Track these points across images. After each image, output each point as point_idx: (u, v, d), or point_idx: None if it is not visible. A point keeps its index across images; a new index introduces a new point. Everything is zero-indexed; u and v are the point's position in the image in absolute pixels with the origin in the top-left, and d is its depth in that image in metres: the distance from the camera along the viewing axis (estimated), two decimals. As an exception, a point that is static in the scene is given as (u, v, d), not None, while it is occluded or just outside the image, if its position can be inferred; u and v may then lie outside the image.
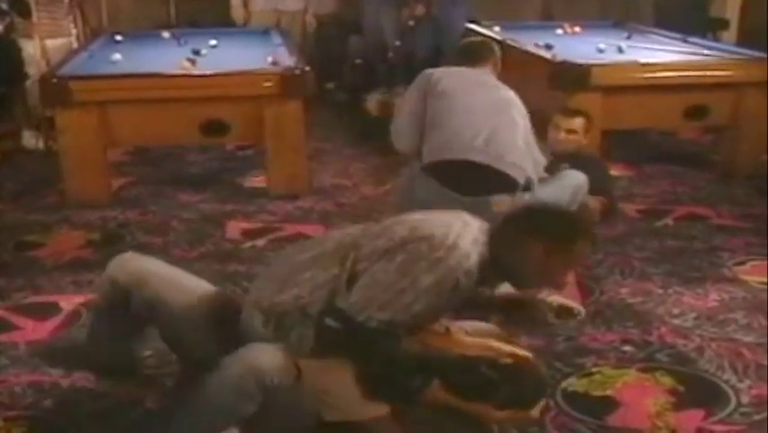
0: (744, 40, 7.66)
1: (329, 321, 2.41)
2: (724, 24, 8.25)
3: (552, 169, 4.11)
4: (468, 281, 2.46)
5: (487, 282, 2.66)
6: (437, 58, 6.94)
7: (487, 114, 3.86)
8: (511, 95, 3.99)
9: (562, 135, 4.46)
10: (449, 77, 4.06)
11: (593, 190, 4.21)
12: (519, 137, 3.84)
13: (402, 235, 2.47)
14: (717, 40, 7.52)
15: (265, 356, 2.34)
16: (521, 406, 2.55)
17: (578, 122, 4.50)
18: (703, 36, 6.91)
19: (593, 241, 2.76)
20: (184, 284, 2.75)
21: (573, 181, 4.11)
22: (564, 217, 2.71)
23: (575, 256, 2.63)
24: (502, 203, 3.62)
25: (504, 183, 3.71)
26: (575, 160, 4.31)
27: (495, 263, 2.53)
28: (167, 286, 2.69)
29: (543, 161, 4.00)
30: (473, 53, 4.23)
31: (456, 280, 2.43)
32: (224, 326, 2.64)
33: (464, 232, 2.49)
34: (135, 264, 2.77)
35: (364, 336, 2.39)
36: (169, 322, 2.69)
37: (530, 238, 2.50)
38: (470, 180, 3.74)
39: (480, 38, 4.40)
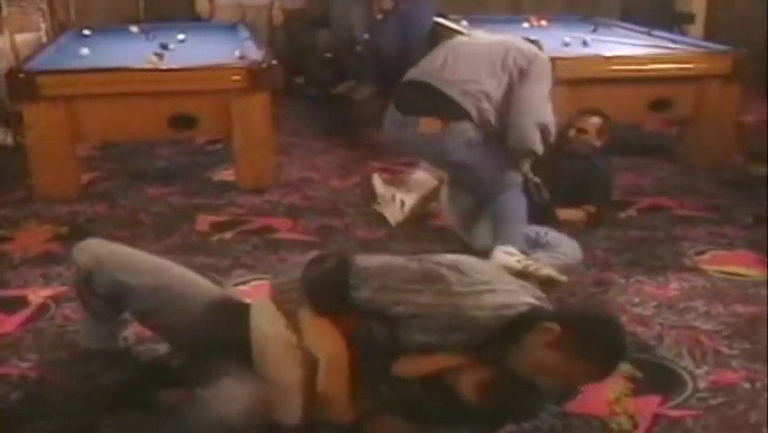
0: (710, 34, 7.75)
1: None
2: (689, 18, 8.34)
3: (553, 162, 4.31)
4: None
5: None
6: (405, 51, 6.99)
7: (469, 53, 4.15)
8: (506, 45, 4.13)
9: (572, 133, 4.50)
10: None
11: (590, 197, 4.40)
12: (483, 72, 4.01)
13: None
14: (683, 34, 7.60)
15: (233, 407, 2.42)
16: None
17: (591, 121, 4.52)
18: (669, 30, 6.98)
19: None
20: (144, 264, 2.87)
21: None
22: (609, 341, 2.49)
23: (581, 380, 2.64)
24: (431, 124, 3.96)
25: (448, 108, 3.98)
26: (580, 160, 4.44)
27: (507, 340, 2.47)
28: (126, 266, 2.78)
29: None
30: None
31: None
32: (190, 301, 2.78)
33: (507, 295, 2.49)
34: (95, 248, 2.84)
35: None
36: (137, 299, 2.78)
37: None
38: (411, 99, 4.13)
39: None
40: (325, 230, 4.50)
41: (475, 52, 4.13)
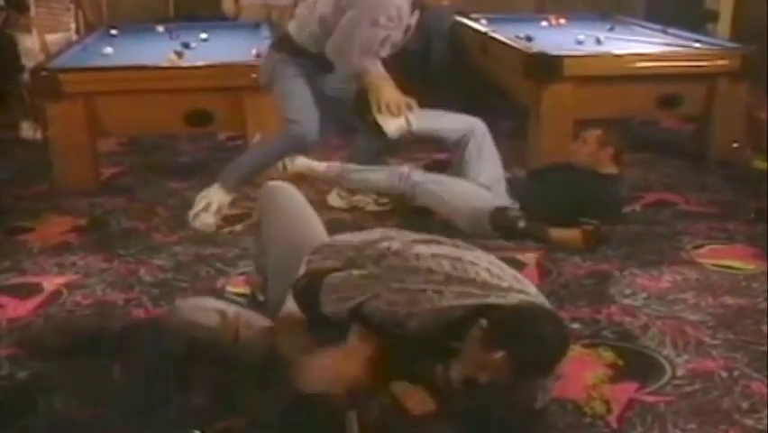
0: (738, 33, 7.72)
1: None
2: (713, 16, 8.31)
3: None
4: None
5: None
6: (425, 49, 7.10)
7: None
8: None
9: (575, 145, 4.61)
10: None
11: (591, 212, 4.23)
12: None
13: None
14: (708, 33, 7.57)
15: (195, 315, 2.78)
16: None
17: (591, 133, 4.52)
18: (696, 29, 6.95)
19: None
20: None
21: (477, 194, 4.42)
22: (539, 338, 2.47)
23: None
24: None
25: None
26: (582, 174, 4.45)
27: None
28: None
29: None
30: None
31: None
32: None
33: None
34: None
35: None
36: None
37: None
38: None
39: None
40: (334, 223, 4.60)
41: None
